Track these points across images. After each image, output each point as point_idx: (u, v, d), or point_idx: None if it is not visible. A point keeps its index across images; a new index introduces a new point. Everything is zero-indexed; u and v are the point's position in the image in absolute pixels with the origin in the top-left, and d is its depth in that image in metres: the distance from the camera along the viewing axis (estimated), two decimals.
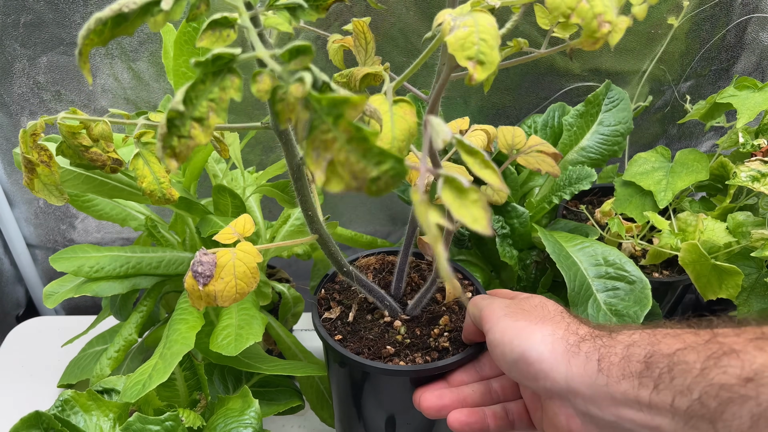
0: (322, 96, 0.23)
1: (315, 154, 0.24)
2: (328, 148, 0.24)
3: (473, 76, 0.29)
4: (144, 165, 0.42)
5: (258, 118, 0.77)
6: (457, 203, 0.25)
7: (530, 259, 0.71)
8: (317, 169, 0.24)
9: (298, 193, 0.44)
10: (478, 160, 0.29)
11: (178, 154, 0.26)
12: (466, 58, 0.29)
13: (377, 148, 0.23)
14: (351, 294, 0.61)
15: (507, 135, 0.54)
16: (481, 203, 0.25)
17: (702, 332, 0.34)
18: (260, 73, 0.25)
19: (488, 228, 0.25)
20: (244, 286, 0.41)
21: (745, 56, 0.86)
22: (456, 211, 0.25)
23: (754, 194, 0.68)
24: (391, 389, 0.55)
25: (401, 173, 0.23)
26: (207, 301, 0.41)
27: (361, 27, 0.45)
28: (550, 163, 0.52)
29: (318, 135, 0.24)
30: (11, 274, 1.01)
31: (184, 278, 0.41)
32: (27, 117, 0.85)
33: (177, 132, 0.26)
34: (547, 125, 0.77)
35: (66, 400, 0.58)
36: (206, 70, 0.26)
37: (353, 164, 0.23)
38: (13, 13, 0.75)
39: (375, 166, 0.23)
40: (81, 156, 0.42)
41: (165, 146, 0.26)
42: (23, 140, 0.41)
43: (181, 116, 0.26)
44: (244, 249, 0.43)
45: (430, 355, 0.54)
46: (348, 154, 0.23)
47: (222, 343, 0.58)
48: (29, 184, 0.43)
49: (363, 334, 0.56)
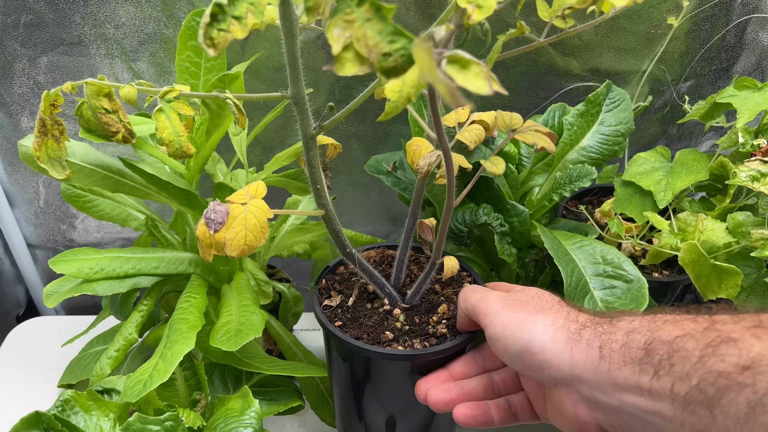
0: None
1: (336, 31, 0.27)
2: (349, 27, 0.26)
3: (471, 16, 0.32)
4: (165, 119, 0.45)
5: (259, 119, 0.77)
6: (462, 75, 0.26)
7: (529, 257, 0.71)
8: (335, 42, 0.27)
9: (309, 165, 0.47)
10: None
11: (216, 45, 0.30)
12: (466, 0, 0.32)
13: (392, 26, 0.26)
14: (351, 284, 0.62)
15: (505, 117, 0.57)
16: (482, 74, 0.26)
17: (700, 319, 0.35)
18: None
19: (489, 89, 0.26)
20: (253, 238, 0.43)
21: (745, 56, 0.86)
22: (461, 82, 0.26)
23: (753, 194, 0.68)
24: (391, 375, 0.55)
25: (411, 55, 0.26)
26: (216, 248, 0.43)
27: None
28: (545, 139, 0.54)
29: (341, 16, 0.27)
30: (11, 274, 1.01)
31: (196, 225, 0.44)
32: (27, 117, 0.85)
33: (218, 25, 0.29)
34: (547, 125, 0.77)
35: (66, 400, 0.58)
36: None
37: (369, 39, 0.26)
38: (13, 13, 0.75)
39: (388, 43, 0.26)
40: (99, 119, 0.45)
41: (206, 36, 0.29)
42: (45, 102, 0.43)
43: (223, 12, 0.29)
44: (256, 204, 0.44)
45: (429, 341, 0.54)
46: (365, 30, 0.26)
47: (222, 338, 0.58)
48: (38, 150, 0.45)
49: (363, 321, 0.57)
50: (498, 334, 0.44)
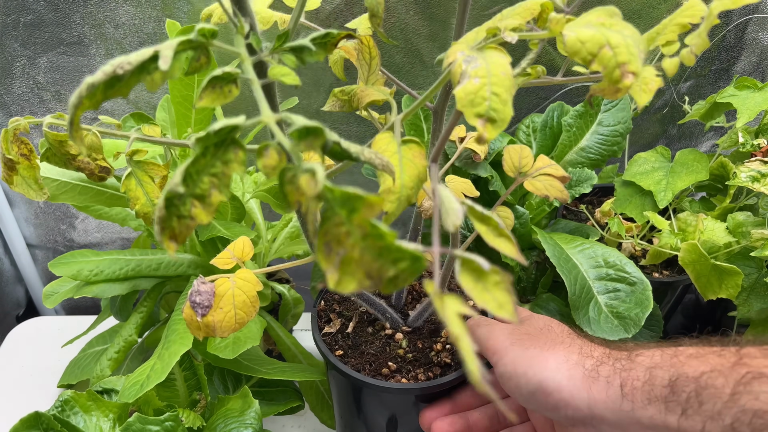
0: (336, 189, 0.22)
1: (327, 248, 0.22)
2: (342, 243, 0.22)
3: (483, 135, 0.26)
4: (137, 186, 0.40)
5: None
6: (478, 288, 0.23)
7: (530, 259, 0.70)
8: (329, 266, 0.22)
9: (302, 224, 0.43)
10: (492, 227, 0.27)
11: (177, 236, 0.24)
12: (475, 115, 0.26)
13: (395, 246, 0.22)
14: (351, 304, 0.60)
15: (513, 156, 0.50)
16: (503, 285, 0.23)
17: (727, 353, 0.34)
18: (267, 147, 0.23)
19: (515, 315, 0.23)
20: (243, 315, 0.40)
21: (745, 56, 0.86)
22: (477, 297, 0.23)
23: (754, 194, 0.68)
24: (394, 404, 0.54)
25: (419, 269, 0.22)
26: (206, 332, 0.40)
27: (366, 42, 0.44)
28: (558, 188, 0.50)
29: (330, 228, 0.22)
30: (11, 274, 1.01)
31: (182, 308, 0.40)
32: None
33: (176, 212, 0.24)
34: (547, 125, 0.77)
35: (66, 400, 0.58)
36: (207, 143, 0.24)
37: (369, 263, 0.22)
38: (13, 13, 0.75)
39: (392, 264, 0.22)
40: (68, 164, 0.41)
41: (164, 228, 0.24)
42: (4, 139, 0.39)
43: (180, 196, 0.24)
44: (244, 277, 0.41)
45: (433, 370, 0.53)
46: (363, 252, 0.22)
47: (220, 345, 0.58)
48: (8, 179, 0.41)
49: (364, 349, 0.55)
50: (509, 373, 0.42)
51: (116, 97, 0.26)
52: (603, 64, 0.27)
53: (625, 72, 0.27)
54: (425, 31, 0.79)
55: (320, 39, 0.33)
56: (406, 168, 0.33)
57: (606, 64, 0.27)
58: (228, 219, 0.69)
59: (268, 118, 0.24)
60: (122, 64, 0.25)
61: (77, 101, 0.25)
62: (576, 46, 0.27)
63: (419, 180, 0.33)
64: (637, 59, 0.27)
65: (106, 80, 0.25)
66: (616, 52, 0.27)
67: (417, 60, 0.82)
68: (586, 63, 0.27)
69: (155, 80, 0.26)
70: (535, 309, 0.66)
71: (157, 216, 0.24)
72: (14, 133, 0.40)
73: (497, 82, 0.27)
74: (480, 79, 0.27)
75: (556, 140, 0.76)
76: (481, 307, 0.23)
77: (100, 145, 0.40)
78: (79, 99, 0.25)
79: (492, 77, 0.27)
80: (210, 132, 0.23)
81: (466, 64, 0.27)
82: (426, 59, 0.82)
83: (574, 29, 0.28)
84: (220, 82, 0.27)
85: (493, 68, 0.27)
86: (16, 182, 0.42)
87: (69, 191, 0.58)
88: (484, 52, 0.28)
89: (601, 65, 0.27)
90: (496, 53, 0.28)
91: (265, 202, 0.83)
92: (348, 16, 0.77)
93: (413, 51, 0.81)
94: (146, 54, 0.25)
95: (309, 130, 0.23)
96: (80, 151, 0.40)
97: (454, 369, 0.53)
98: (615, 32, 0.27)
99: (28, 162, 0.41)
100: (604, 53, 0.27)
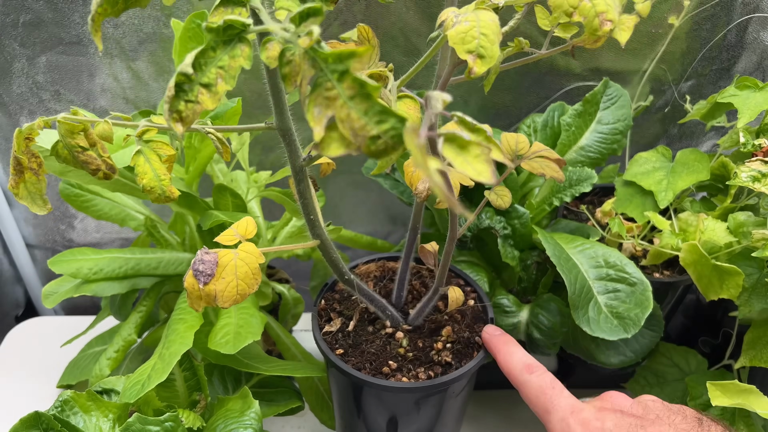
0: (329, 52, 0.23)
1: (317, 110, 0.24)
2: (330, 105, 0.23)
3: (473, 69, 0.29)
4: (145, 162, 0.41)
5: (259, 119, 0.77)
6: (460, 158, 0.25)
7: (531, 259, 0.70)
8: (317, 125, 0.24)
9: (300, 196, 0.44)
10: (482, 137, 0.28)
11: (184, 119, 0.26)
12: (466, 51, 0.29)
13: (379, 105, 0.23)
14: (351, 304, 0.60)
15: (510, 141, 0.52)
16: (483, 157, 0.24)
17: None
18: (270, 41, 0.26)
19: (492, 177, 0.24)
20: (245, 286, 0.41)
21: (746, 56, 0.86)
22: (459, 166, 0.24)
23: (755, 194, 0.68)
24: (394, 403, 0.54)
25: (401, 135, 0.23)
26: (207, 300, 0.40)
27: (365, 33, 0.45)
28: (554, 168, 0.51)
29: (321, 92, 0.24)
30: (10, 274, 1.01)
31: (184, 277, 0.41)
32: (26, 116, 0.84)
33: (185, 96, 0.26)
34: (547, 125, 0.77)
35: (65, 400, 0.58)
36: (217, 38, 0.26)
37: (354, 120, 0.23)
38: (12, 13, 0.75)
39: (376, 124, 0.23)
40: (76, 158, 0.41)
41: (172, 110, 0.26)
42: (17, 140, 0.40)
43: (189, 81, 0.26)
44: (247, 249, 0.42)
45: (433, 369, 0.53)
46: (349, 111, 0.23)
47: (221, 341, 0.58)
48: (14, 188, 0.42)
49: (364, 348, 0.55)
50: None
51: (135, 7, 0.29)
52: (584, 14, 0.31)
53: (604, 20, 0.31)
54: (425, 30, 0.79)
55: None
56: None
57: (586, 14, 0.31)
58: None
59: (273, 26, 0.27)
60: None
61: (99, 1, 0.28)
62: (558, 1, 0.32)
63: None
64: (614, 9, 0.31)
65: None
66: (594, 3, 0.31)
67: (417, 59, 0.82)
68: (568, 15, 0.31)
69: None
70: (536, 309, 0.66)
71: (167, 97, 0.26)
72: (26, 142, 0.40)
73: (485, 25, 0.30)
74: (470, 23, 0.30)
75: (556, 140, 0.76)
76: (461, 172, 0.24)
77: (112, 134, 0.41)
78: (101, 1, 0.28)
79: (480, 22, 0.31)
80: (220, 26, 0.26)
81: (457, 17, 0.31)
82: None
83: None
84: (231, 3, 0.29)
85: (482, 16, 0.31)
86: (21, 194, 0.42)
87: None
88: (475, 11, 0.32)
89: (581, 15, 0.31)
90: (485, 11, 0.32)
91: (264, 202, 0.83)
92: (348, 16, 0.77)
93: (413, 50, 0.80)
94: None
95: (309, 12, 0.26)
96: (93, 140, 0.41)
97: (455, 368, 0.53)
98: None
99: (35, 177, 0.42)
100: (584, 5, 0.31)
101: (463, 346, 0.55)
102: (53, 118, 0.40)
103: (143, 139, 0.41)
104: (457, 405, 0.58)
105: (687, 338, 0.90)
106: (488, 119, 0.91)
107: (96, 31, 0.28)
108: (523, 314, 0.67)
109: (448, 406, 0.56)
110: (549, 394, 0.44)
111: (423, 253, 0.57)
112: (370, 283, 0.63)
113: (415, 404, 0.53)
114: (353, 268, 0.64)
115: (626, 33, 0.33)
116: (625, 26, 0.33)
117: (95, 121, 0.40)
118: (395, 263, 0.64)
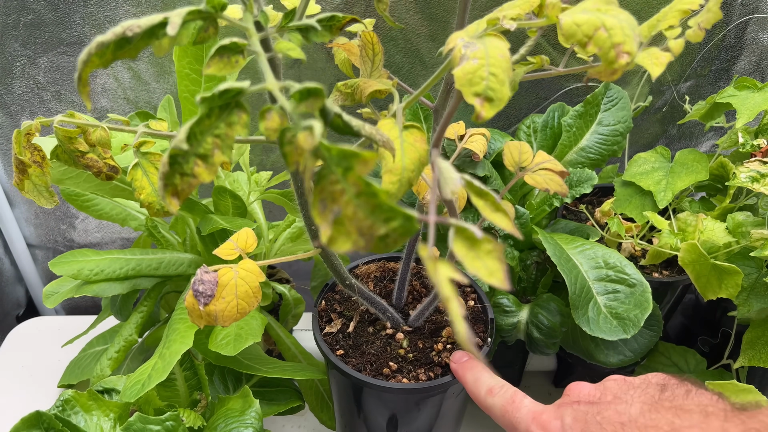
0: (333, 147, 0.22)
1: (322, 205, 0.23)
2: (336, 200, 0.23)
3: (480, 114, 0.27)
4: (143, 176, 0.40)
5: (258, 123, 0.77)
6: (471, 255, 0.24)
7: (531, 259, 0.71)
8: (323, 222, 0.23)
9: (302, 207, 0.43)
10: (489, 202, 0.28)
11: (179, 192, 0.25)
12: (473, 94, 0.27)
13: (387, 205, 0.22)
14: (352, 304, 0.60)
15: (513, 152, 0.51)
16: (496, 254, 0.24)
17: None
18: (269, 110, 0.24)
19: (505, 282, 0.23)
20: (245, 305, 0.41)
21: (745, 56, 0.86)
22: (469, 264, 0.23)
23: (753, 194, 0.68)
24: (394, 404, 0.54)
25: (411, 230, 0.22)
26: (207, 320, 0.40)
27: (369, 38, 0.44)
28: (558, 182, 0.50)
29: (326, 185, 0.23)
30: (11, 274, 1.01)
31: (184, 296, 0.40)
32: (27, 117, 0.85)
33: (180, 170, 0.25)
34: (547, 125, 0.77)
35: (66, 400, 0.58)
36: (212, 105, 0.25)
37: (361, 220, 0.22)
38: (13, 13, 0.75)
39: (384, 223, 0.22)
40: (77, 161, 0.41)
41: (167, 184, 0.25)
42: (17, 140, 0.40)
43: (184, 154, 0.25)
44: (247, 267, 0.41)
45: (434, 370, 0.53)
46: (356, 209, 0.22)
47: (221, 342, 0.58)
48: (19, 184, 0.42)
49: (365, 349, 0.55)
50: None
51: (124, 58, 0.27)
52: (599, 45, 0.28)
53: (620, 52, 0.28)
54: (425, 31, 0.79)
55: (326, 21, 0.34)
56: (408, 151, 0.34)
57: (601, 45, 0.28)
58: (230, 216, 0.69)
59: (272, 84, 0.25)
60: (132, 27, 0.26)
61: (86, 58, 0.26)
62: (572, 29, 0.28)
63: (420, 163, 0.34)
64: (632, 40, 0.28)
65: (115, 41, 0.26)
66: (611, 33, 0.28)
67: (417, 60, 0.82)
68: (582, 45, 0.28)
69: (163, 45, 0.27)
70: (535, 308, 0.66)
71: (161, 173, 0.25)
72: (27, 137, 0.40)
73: (495, 63, 0.28)
74: (478, 60, 0.28)
75: (556, 140, 0.76)
76: (472, 274, 0.23)
77: (109, 141, 0.40)
78: (88, 56, 0.26)
79: (490, 59, 0.28)
80: (215, 93, 0.24)
81: (466, 48, 0.28)
82: (426, 59, 0.82)
83: (571, 15, 0.29)
84: (227, 51, 0.28)
85: (491, 51, 0.28)
86: (27, 188, 0.42)
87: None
88: (483, 39, 0.29)
89: (596, 46, 0.28)
90: (495, 39, 0.29)
91: (265, 202, 0.84)
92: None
93: (413, 51, 0.81)
94: (155, 19, 0.26)
95: (309, 91, 0.24)
96: (92, 142, 0.40)
97: None
98: (610, 16, 0.28)
99: (40, 170, 0.41)
100: (600, 35, 0.28)
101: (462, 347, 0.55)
102: (50, 120, 0.40)
103: (141, 152, 0.40)
104: (457, 405, 0.58)
105: (686, 338, 0.90)
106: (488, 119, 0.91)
107: (84, 87, 0.27)
108: (523, 314, 0.67)
109: (448, 406, 0.56)
110: (510, 411, 0.43)
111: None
112: (371, 283, 0.63)
113: (416, 405, 0.53)
114: (353, 269, 0.64)
115: (658, 68, 0.31)
116: (657, 60, 0.31)
117: (93, 125, 0.40)
118: (396, 264, 0.65)
